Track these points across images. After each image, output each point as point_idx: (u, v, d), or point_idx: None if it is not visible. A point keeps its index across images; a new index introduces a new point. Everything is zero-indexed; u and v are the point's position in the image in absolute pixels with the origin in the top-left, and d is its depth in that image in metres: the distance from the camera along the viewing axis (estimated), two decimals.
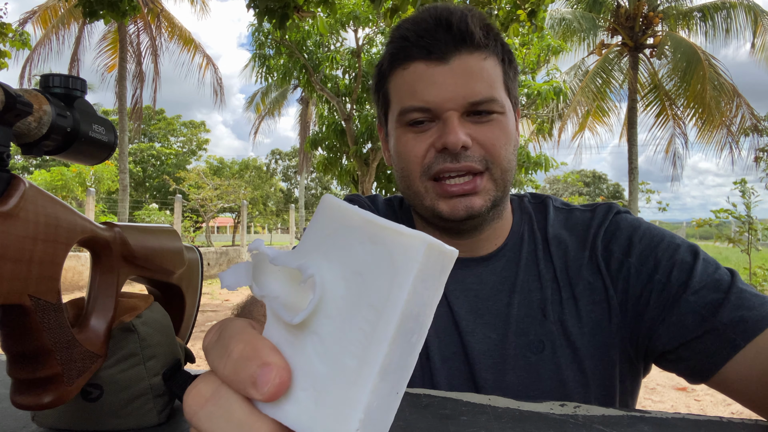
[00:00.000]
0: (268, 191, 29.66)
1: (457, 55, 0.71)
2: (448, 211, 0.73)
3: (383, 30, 11.11)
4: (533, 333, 0.73)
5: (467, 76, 0.71)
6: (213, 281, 11.85)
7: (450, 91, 0.70)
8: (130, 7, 4.83)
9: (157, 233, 0.56)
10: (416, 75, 0.73)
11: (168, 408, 0.51)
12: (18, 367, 0.41)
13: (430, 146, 0.73)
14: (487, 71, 0.72)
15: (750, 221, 8.22)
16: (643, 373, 0.78)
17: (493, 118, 0.72)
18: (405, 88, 0.74)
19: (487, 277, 0.78)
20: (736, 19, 13.93)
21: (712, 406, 3.55)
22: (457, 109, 0.71)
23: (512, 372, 0.72)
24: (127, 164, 14.80)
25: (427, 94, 0.71)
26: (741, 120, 13.75)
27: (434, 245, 0.23)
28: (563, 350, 0.72)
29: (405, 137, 0.75)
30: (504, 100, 0.74)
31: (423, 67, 0.72)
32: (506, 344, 0.73)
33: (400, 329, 0.23)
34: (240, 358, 0.25)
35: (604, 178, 45.81)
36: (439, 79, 0.71)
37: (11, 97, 0.36)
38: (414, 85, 0.73)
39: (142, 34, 17.07)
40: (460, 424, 0.49)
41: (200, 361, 4.68)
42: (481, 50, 0.72)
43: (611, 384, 0.73)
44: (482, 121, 0.72)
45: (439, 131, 0.72)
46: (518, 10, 4.78)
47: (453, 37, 0.71)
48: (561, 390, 0.71)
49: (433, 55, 0.71)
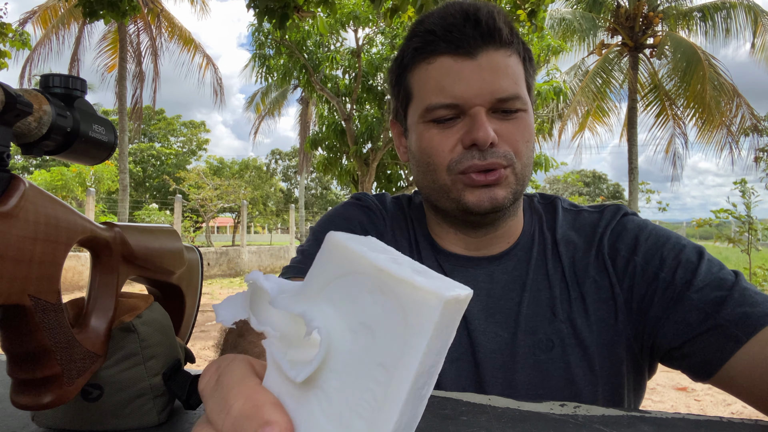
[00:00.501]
0: (268, 191, 29.66)
1: (485, 51, 0.71)
2: (474, 201, 0.73)
3: (383, 30, 11.11)
4: (542, 332, 0.73)
5: (494, 72, 0.71)
6: (213, 281, 11.85)
7: (478, 87, 0.70)
8: (130, 7, 4.83)
9: (157, 233, 0.56)
10: (443, 70, 0.72)
11: (168, 408, 0.51)
12: (18, 367, 0.41)
13: (457, 142, 0.72)
14: (512, 68, 0.72)
15: (750, 221, 8.22)
16: (649, 373, 0.78)
17: (518, 116, 0.73)
18: (431, 83, 0.73)
19: (498, 276, 0.78)
20: (736, 19, 13.93)
21: (712, 406, 3.55)
22: (484, 105, 0.71)
23: (522, 371, 0.72)
24: (127, 164, 14.80)
25: (455, 89, 0.71)
26: (741, 120, 13.75)
27: (451, 300, 0.21)
28: (573, 348, 0.72)
29: (429, 133, 0.74)
30: (526, 97, 0.74)
31: (450, 62, 0.72)
32: (516, 343, 0.73)
33: (413, 389, 0.22)
34: (240, 416, 0.24)
35: (604, 178, 45.81)
36: (466, 75, 0.71)
37: (11, 97, 0.36)
38: (441, 81, 0.72)
39: (142, 34, 17.07)
40: (460, 424, 0.49)
41: (200, 361, 4.69)
42: (506, 47, 0.72)
43: (619, 383, 0.73)
44: (508, 118, 0.73)
45: (465, 126, 0.72)
46: (518, 10, 4.78)
47: (481, 32, 0.71)
48: (570, 388, 0.71)
49: (461, 50, 0.71)
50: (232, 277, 12.95)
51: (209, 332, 6.02)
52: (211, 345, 5.36)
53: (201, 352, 5.08)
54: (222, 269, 12.97)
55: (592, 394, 0.72)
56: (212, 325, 6.52)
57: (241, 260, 13.55)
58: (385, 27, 10.86)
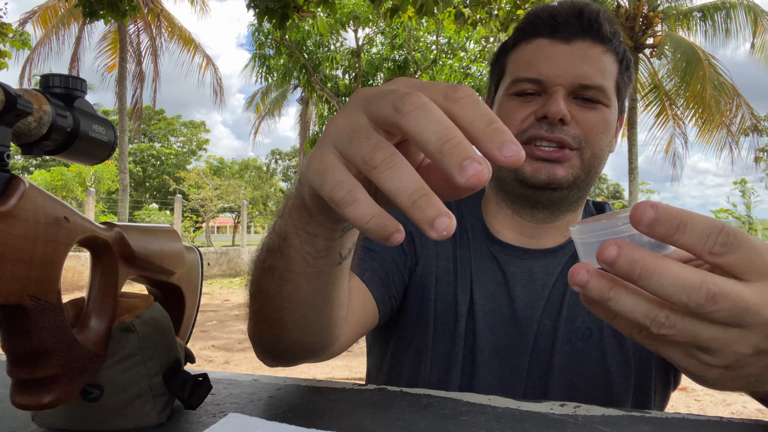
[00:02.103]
0: (268, 191, 29.66)
1: (581, 41, 0.75)
2: (530, 172, 0.75)
3: (383, 30, 11.11)
4: (581, 320, 0.75)
5: (584, 60, 0.74)
6: (213, 281, 11.85)
7: (563, 69, 0.74)
8: (130, 7, 4.83)
9: (157, 233, 0.56)
10: (537, 50, 0.76)
11: (168, 408, 0.51)
12: (18, 367, 0.41)
13: (530, 113, 0.75)
14: (604, 63, 0.75)
15: (750, 221, 8.22)
16: (674, 381, 0.80)
17: (598, 107, 0.75)
18: (523, 60, 0.78)
19: (553, 269, 0.80)
20: (736, 19, 13.92)
21: (712, 406, 3.55)
22: (565, 86, 0.74)
23: (559, 356, 0.74)
24: (127, 164, 14.80)
25: (542, 67, 0.75)
26: (741, 120, 13.75)
27: None
28: (610, 339, 0.74)
29: (509, 103, 0.78)
30: (612, 95, 0.77)
31: (545, 43, 0.76)
32: (557, 330, 0.75)
33: None
34: None
35: (604, 178, 45.82)
36: (557, 56, 0.75)
37: (11, 97, 0.36)
38: (532, 58, 0.76)
39: (142, 34, 17.07)
40: (460, 424, 0.49)
41: (200, 361, 4.69)
42: (603, 44, 0.76)
43: (648, 378, 0.75)
44: (587, 106, 0.75)
45: (542, 102, 0.75)
46: (518, 10, 4.78)
47: (581, 23, 0.75)
48: (605, 377, 0.73)
49: (558, 34, 0.75)
50: (232, 277, 12.94)
51: (209, 332, 6.02)
52: (211, 345, 5.36)
53: (201, 352, 5.08)
54: (222, 269, 12.97)
55: (625, 385, 0.73)
56: (212, 325, 6.51)
57: (241, 260, 13.54)
58: (385, 27, 10.86)
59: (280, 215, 0.50)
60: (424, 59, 10.95)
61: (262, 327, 0.59)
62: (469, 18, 5.27)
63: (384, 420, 0.50)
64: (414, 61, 10.83)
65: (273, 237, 0.51)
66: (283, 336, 0.58)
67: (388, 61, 10.99)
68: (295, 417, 0.51)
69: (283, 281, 0.51)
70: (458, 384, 0.76)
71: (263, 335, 0.61)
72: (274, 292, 0.53)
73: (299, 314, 0.54)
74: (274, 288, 0.53)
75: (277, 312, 0.55)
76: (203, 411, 0.53)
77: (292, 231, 0.46)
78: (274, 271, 0.51)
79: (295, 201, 0.45)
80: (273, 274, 0.52)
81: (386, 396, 0.57)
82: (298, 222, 0.45)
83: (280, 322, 0.56)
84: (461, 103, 0.30)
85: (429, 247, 0.82)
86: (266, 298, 0.55)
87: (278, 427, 0.47)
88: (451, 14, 5.31)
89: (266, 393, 0.59)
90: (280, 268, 0.50)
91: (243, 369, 4.49)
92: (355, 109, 0.33)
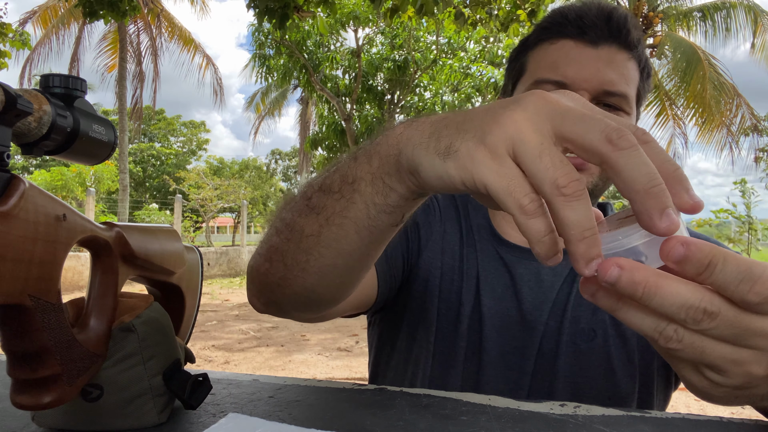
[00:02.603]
0: (268, 191, 29.67)
1: (607, 45, 0.73)
2: None
3: (383, 30, 11.11)
4: (585, 321, 0.75)
5: (609, 65, 0.73)
6: (213, 281, 11.85)
7: (590, 73, 0.72)
8: (130, 7, 4.83)
9: (157, 233, 0.56)
10: (563, 51, 0.75)
11: (168, 408, 0.51)
12: (18, 367, 0.41)
13: None
14: (628, 69, 0.74)
15: (750, 221, 8.22)
16: (675, 381, 0.80)
17: (619, 115, 0.74)
18: (547, 60, 0.76)
19: (561, 270, 0.79)
20: (736, 19, 13.92)
21: (712, 406, 3.55)
22: (589, 91, 0.73)
23: (563, 357, 0.74)
24: (127, 164, 14.80)
25: (567, 70, 0.73)
26: (741, 120, 13.75)
27: None
28: (614, 339, 0.74)
29: None
30: (633, 103, 0.76)
31: (572, 45, 0.74)
32: (562, 331, 0.75)
33: None
34: None
35: None
36: (583, 60, 0.73)
37: (11, 97, 0.36)
38: (557, 60, 0.75)
39: (142, 34, 17.07)
40: (460, 424, 0.49)
41: (200, 361, 4.69)
42: (629, 51, 0.75)
43: (651, 378, 0.75)
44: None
45: None
46: (518, 10, 4.78)
47: (610, 27, 0.73)
48: (610, 378, 0.73)
49: (586, 37, 0.74)
50: (232, 277, 12.94)
51: (209, 332, 6.02)
52: (211, 345, 5.36)
53: (201, 352, 5.08)
54: (222, 269, 12.97)
55: (630, 386, 0.74)
56: (212, 325, 6.51)
57: (241, 260, 13.55)
58: (385, 27, 10.86)
59: (353, 158, 0.48)
60: (424, 59, 10.95)
61: (276, 265, 0.56)
62: (469, 18, 5.27)
63: (384, 420, 0.50)
64: (414, 61, 10.83)
65: (332, 177, 0.49)
66: (296, 280, 0.55)
67: (388, 61, 10.99)
68: (295, 417, 0.51)
69: (330, 224, 0.49)
70: (458, 384, 0.76)
71: (271, 274, 0.57)
72: (311, 232, 0.50)
73: (329, 262, 0.52)
74: (312, 228, 0.50)
75: (303, 253, 0.52)
76: (203, 411, 0.53)
77: (365, 177, 0.45)
78: (321, 212, 0.49)
79: (386, 150, 0.44)
80: (318, 214, 0.50)
81: (386, 396, 0.57)
82: (379, 170, 0.44)
83: (301, 265, 0.53)
84: (651, 146, 0.34)
85: (435, 242, 0.82)
86: (296, 235, 0.52)
87: (278, 427, 0.47)
88: (451, 14, 5.31)
89: (266, 393, 0.59)
90: (332, 209, 0.48)
91: (243, 369, 4.49)
92: (542, 120, 0.34)
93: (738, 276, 0.30)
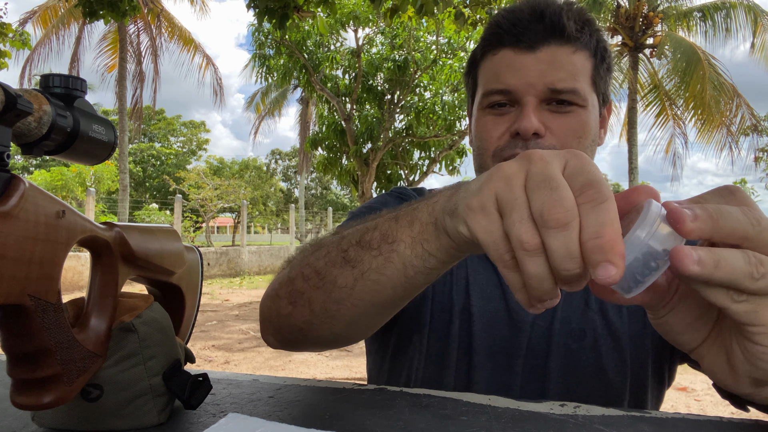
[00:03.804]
0: (268, 191, 29.66)
1: (546, 46, 0.73)
2: None
3: (383, 30, 11.10)
4: (575, 322, 0.75)
5: (551, 65, 0.73)
6: (213, 281, 11.85)
7: (532, 77, 0.72)
8: (130, 7, 4.83)
9: (157, 233, 0.56)
10: (504, 61, 0.75)
11: (168, 408, 0.51)
12: (18, 367, 0.41)
13: (505, 130, 0.75)
14: (573, 63, 0.74)
15: None
16: (669, 376, 0.80)
17: (573, 110, 0.74)
18: (491, 72, 0.77)
19: None
20: (736, 19, 13.92)
21: (712, 406, 3.55)
22: (536, 96, 0.73)
23: (555, 359, 0.74)
24: (127, 164, 14.80)
25: (509, 78, 0.74)
26: (741, 120, 13.74)
27: None
28: (605, 339, 0.74)
29: (484, 119, 0.78)
30: (587, 94, 0.75)
31: (511, 54, 0.74)
32: (552, 332, 0.75)
33: None
34: None
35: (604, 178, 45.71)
36: (523, 66, 0.73)
37: (11, 97, 0.36)
38: (499, 70, 0.75)
39: (142, 34, 17.07)
40: (460, 424, 0.49)
41: (200, 361, 4.68)
42: (571, 43, 0.74)
43: (645, 378, 0.75)
44: (561, 111, 0.74)
45: (516, 116, 0.74)
46: None
47: (544, 27, 0.73)
48: (602, 377, 0.73)
49: (522, 44, 0.73)
50: (232, 277, 12.94)
51: (209, 332, 6.02)
52: (211, 345, 5.36)
53: (201, 352, 5.08)
54: (222, 269, 12.97)
55: (622, 384, 0.73)
56: (212, 325, 6.51)
57: (241, 260, 13.54)
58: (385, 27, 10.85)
59: (393, 218, 0.50)
60: (424, 59, 10.95)
61: (301, 310, 0.56)
62: (469, 18, 5.27)
63: (384, 420, 0.50)
64: (414, 61, 10.83)
65: (372, 234, 0.50)
66: (323, 326, 0.55)
67: (388, 61, 10.99)
68: (295, 417, 0.51)
69: (365, 279, 0.50)
70: (452, 385, 0.76)
71: (294, 317, 0.57)
72: (345, 284, 0.51)
73: (360, 311, 0.53)
74: (347, 280, 0.51)
75: (334, 303, 0.53)
76: (203, 411, 0.53)
77: (405, 240, 0.47)
78: (357, 265, 0.50)
79: (426, 218, 0.47)
80: (354, 267, 0.50)
81: (386, 396, 0.57)
82: (420, 236, 0.47)
83: (330, 313, 0.53)
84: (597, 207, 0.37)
85: None
86: (328, 285, 0.52)
87: (278, 427, 0.47)
88: (451, 14, 5.31)
89: (266, 393, 0.59)
90: (369, 265, 0.49)
91: (243, 369, 4.49)
92: (519, 184, 0.38)
93: (743, 264, 0.34)
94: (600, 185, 0.35)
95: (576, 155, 0.38)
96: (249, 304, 8.30)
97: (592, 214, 0.34)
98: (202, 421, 0.51)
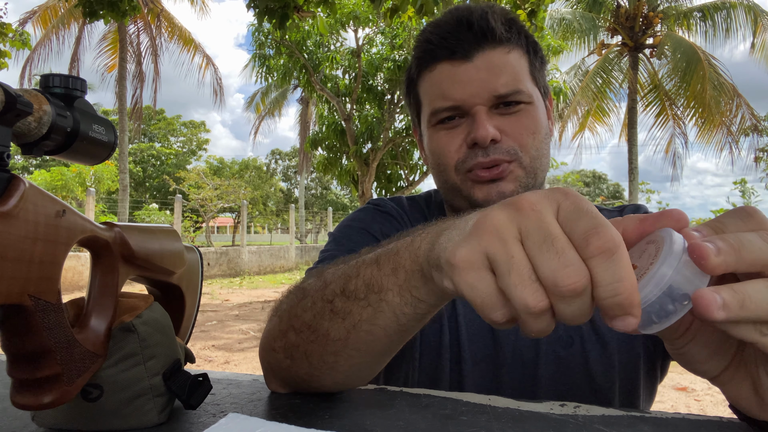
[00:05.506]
0: (268, 191, 29.65)
1: (480, 52, 0.73)
2: (482, 197, 0.75)
3: (383, 30, 11.09)
4: (562, 328, 0.75)
5: (491, 71, 0.73)
6: (213, 281, 11.85)
7: (476, 87, 0.73)
8: (130, 7, 4.83)
9: (157, 233, 0.56)
10: (442, 75, 0.75)
11: (168, 408, 0.51)
12: (18, 367, 0.41)
13: (462, 142, 0.75)
14: (511, 64, 0.74)
15: None
16: (660, 374, 0.80)
17: (521, 109, 0.75)
18: (433, 89, 0.77)
19: None
20: (736, 19, 13.92)
21: (712, 406, 3.55)
22: (484, 104, 0.73)
23: (544, 366, 0.74)
24: (127, 164, 14.80)
25: (454, 92, 0.74)
26: (741, 120, 13.74)
27: None
28: (593, 344, 0.74)
29: (437, 135, 0.78)
30: (531, 90, 0.76)
31: (448, 67, 0.75)
32: (539, 340, 0.74)
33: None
34: None
35: (604, 178, 45.78)
36: (464, 77, 0.73)
37: (11, 97, 0.36)
38: (441, 86, 0.75)
39: (142, 34, 17.07)
40: (460, 424, 0.49)
41: (200, 361, 4.68)
42: (503, 45, 0.74)
43: (635, 380, 0.75)
44: (510, 112, 0.75)
45: (469, 126, 0.74)
46: (518, 10, 4.78)
47: (474, 35, 0.73)
48: (590, 384, 0.73)
49: (457, 55, 0.74)
50: (232, 277, 12.94)
51: (209, 332, 6.02)
52: (211, 345, 5.36)
53: (201, 352, 5.08)
54: (222, 269, 12.96)
55: (610, 390, 0.73)
56: (212, 325, 6.51)
57: (241, 260, 13.55)
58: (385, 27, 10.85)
59: (374, 265, 0.48)
60: None
61: (299, 363, 0.55)
62: None
63: (384, 420, 0.50)
64: None
65: (356, 283, 0.48)
66: (325, 377, 0.55)
67: (388, 61, 10.98)
68: (295, 417, 0.51)
69: (358, 330, 0.49)
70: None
71: (294, 370, 0.56)
72: (338, 336, 0.50)
73: (358, 361, 0.52)
74: (339, 333, 0.50)
75: (331, 355, 0.52)
76: (203, 411, 0.53)
77: (392, 288, 0.46)
78: (347, 317, 0.49)
79: (410, 266, 0.44)
80: (344, 320, 0.49)
81: (386, 396, 0.57)
82: (406, 284, 0.45)
83: (329, 365, 0.53)
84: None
85: None
86: (321, 339, 0.52)
87: (278, 427, 0.47)
88: None
89: (266, 393, 0.59)
90: (359, 316, 0.48)
91: (243, 369, 4.49)
92: (512, 231, 0.36)
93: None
94: (604, 230, 0.32)
95: (566, 195, 0.35)
96: (249, 304, 8.30)
97: (606, 270, 0.31)
98: (202, 421, 0.51)
